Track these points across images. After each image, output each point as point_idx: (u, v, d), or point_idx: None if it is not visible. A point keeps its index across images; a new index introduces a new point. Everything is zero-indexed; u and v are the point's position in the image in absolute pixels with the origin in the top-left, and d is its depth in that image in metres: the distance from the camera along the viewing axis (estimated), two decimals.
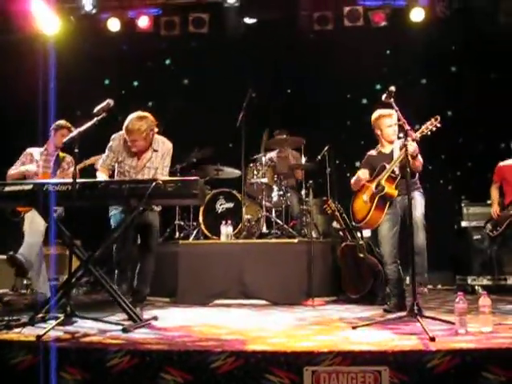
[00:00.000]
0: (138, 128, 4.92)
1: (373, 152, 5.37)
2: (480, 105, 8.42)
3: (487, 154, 8.14)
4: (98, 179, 4.81)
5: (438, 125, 4.28)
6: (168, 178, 4.94)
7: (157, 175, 4.95)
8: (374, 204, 5.03)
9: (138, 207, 4.09)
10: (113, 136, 5.18)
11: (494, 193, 7.00)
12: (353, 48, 8.59)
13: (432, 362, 2.98)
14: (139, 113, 5.02)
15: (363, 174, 5.25)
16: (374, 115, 5.24)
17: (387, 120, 5.13)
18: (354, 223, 5.51)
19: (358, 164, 5.63)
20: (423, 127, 4.47)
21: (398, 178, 4.93)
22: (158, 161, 5.10)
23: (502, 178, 6.93)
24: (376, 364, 2.98)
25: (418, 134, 4.49)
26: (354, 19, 8.65)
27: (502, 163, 6.96)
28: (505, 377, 2.93)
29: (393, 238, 5.07)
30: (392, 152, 5.13)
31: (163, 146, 5.18)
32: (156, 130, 5.10)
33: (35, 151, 6.12)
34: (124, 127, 4.98)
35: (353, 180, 5.35)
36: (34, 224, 5.59)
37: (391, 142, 5.21)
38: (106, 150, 5.15)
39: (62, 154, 6.04)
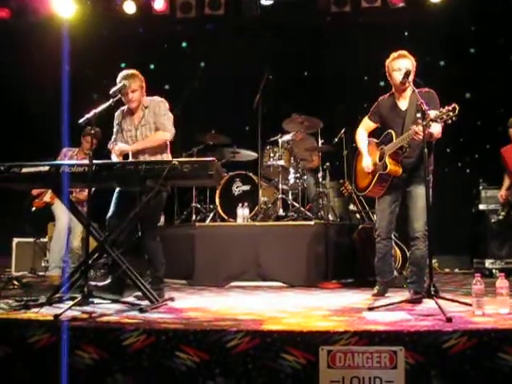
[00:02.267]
0: (133, 75, 4.86)
1: (386, 99, 4.91)
2: (499, 87, 8.30)
3: (506, 136, 8.03)
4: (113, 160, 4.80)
5: (454, 118, 4.01)
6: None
7: (159, 124, 4.90)
8: (375, 179, 4.83)
9: (155, 188, 4.09)
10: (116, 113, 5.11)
11: (505, 178, 7.24)
12: (370, 30, 8.51)
13: (448, 342, 2.96)
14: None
15: (366, 159, 4.94)
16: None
17: (395, 63, 4.69)
18: (356, 189, 5.36)
19: None
20: (436, 115, 3.99)
21: (405, 154, 4.66)
22: (151, 115, 4.94)
23: (505, 162, 7.09)
24: (392, 344, 2.96)
25: (431, 115, 4.03)
26: (372, 0, 8.54)
27: (503, 148, 7.12)
28: None
29: (391, 213, 4.87)
30: (406, 112, 4.71)
31: (153, 101, 5.00)
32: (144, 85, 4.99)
33: (70, 151, 6.37)
34: (120, 83, 4.79)
35: (358, 138, 5.08)
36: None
37: (402, 91, 4.76)
38: (114, 128, 5.10)
39: None
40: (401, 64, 4.67)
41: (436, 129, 4.36)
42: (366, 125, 5.08)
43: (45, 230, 7.86)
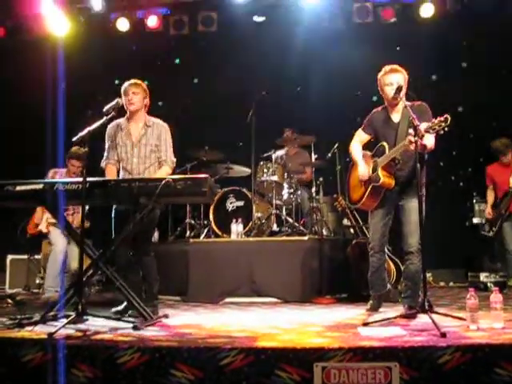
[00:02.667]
0: (136, 82, 4.97)
1: (379, 112, 4.94)
2: (491, 101, 8.37)
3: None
4: (107, 177, 4.80)
5: (446, 128, 4.04)
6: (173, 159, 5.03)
7: (161, 153, 4.94)
8: (368, 191, 4.83)
9: (148, 205, 4.09)
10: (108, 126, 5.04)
11: (489, 196, 7.41)
12: (362, 45, 8.57)
13: (443, 357, 2.96)
14: None
15: (362, 169, 4.91)
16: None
17: (386, 77, 4.72)
18: (349, 201, 5.35)
19: None
20: (428, 126, 4.03)
21: (398, 166, 4.67)
22: (154, 138, 4.95)
23: (492, 181, 7.32)
24: (386, 360, 2.96)
25: (423, 128, 4.06)
26: (364, 16, 8.62)
27: (489, 167, 7.39)
28: None
29: (384, 226, 4.88)
30: (399, 124, 4.74)
31: (158, 125, 5.04)
32: (148, 100, 5.06)
33: (57, 174, 6.37)
34: (123, 88, 4.95)
35: (352, 150, 5.07)
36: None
37: (394, 105, 4.79)
38: (106, 144, 5.04)
39: None
40: (392, 79, 4.71)
41: (429, 141, 4.37)
42: (360, 137, 5.10)
43: (39, 247, 7.82)
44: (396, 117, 4.83)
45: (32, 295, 7.29)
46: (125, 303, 4.72)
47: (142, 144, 4.95)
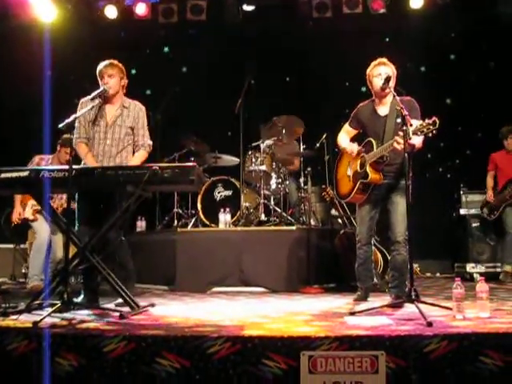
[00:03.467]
0: (112, 63, 4.87)
1: (366, 106, 4.94)
2: (479, 93, 8.40)
3: (486, 141, 8.13)
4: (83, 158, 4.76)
5: (434, 131, 4.05)
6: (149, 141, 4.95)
7: (138, 137, 4.88)
8: (356, 187, 4.83)
9: (135, 193, 4.07)
10: (80, 100, 4.89)
11: (489, 180, 7.48)
12: (351, 35, 8.57)
13: (429, 346, 2.97)
14: None
15: (350, 145, 4.91)
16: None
17: (375, 69, 4.73)
18: (337, 195, 5.37)
19: None
20: (415, 128, 4.01)
21: (385, 163, 4.67)
22: (130, 120, 4.85)
23: (495, 167, 7.43)
24: (373, 349, 2.96)
25: (410, 131, 4.04)
26: (353, 6, 8.63)
27: (494, 153, 7.48)
28: (502, 361, 2.92)
29: (371, 219, 4.91)
30: (386, 118, 4.73)
31: (135, 105, 4.93)
32: (126, 80, 4.97)
33: (43, 161, 6.26)
34: (98, 69, 4.84)
35: (339, 140, 5.08)
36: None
37: (382, 97, 4.77)
38: (76, 121, 4.56)
39: None
40: (381, 70, 4.71)
41: (417, 140, 4.38)
42: (347, 130, 5.11)
43: (25, 236, 7.76)
44: (383, 110, 4.82)
45: (18, 285, 7.24)
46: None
47: (116, 125, 4.84)
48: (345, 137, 5.09)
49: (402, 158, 4.31)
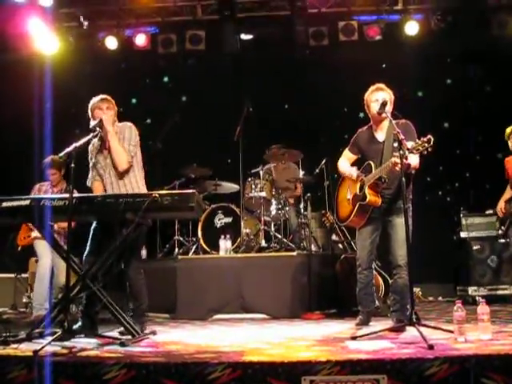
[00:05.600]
0: (106, 98, 4.90)
1: (364, 132, 5.03)
2: (476, 116, 8.47)
3: (484, 164, 8.16)
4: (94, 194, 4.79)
5: (430, 149, 4.11)
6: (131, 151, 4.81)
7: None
8: (356, 209, 4.87)
9: (135, 221, 4.08)
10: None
11: (507, 190, 6.37)
12: (349, 62, 8.67)
13: (430, 369, 2.96)
14: None
15: (349, 170, 4.99)
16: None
17: (372, 95, 4.82)
18: (337, 219, 5.36)
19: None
20: (412, 147, 4.08)
21: (384, 185, 4.72)
22: (121, 143, 4.83)
23: (507, 172, 6.38)
24: (374, 372, 2.96)
25: (406, 151, 4.11)
26: (349, 34, 8.73)
27: (506, 158, 6.44)
28: (504, 382, 2.91)
29: (372, 243, 4.91)
30: (384, 143, 4.80)
31: (122, 126, 4.91)
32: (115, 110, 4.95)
33: (43, 187, 6.33)
34: (91, 104, 4.89)
35: (340, 165, 5.16)
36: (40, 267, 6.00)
37: (379, 122, 4.87)
38: (90, 164, 4.95)
39: None
40: (378, 95, 4.79)
41: (413, 160, 4.44)
42: (347, 156, 5.18)
43: (26, 266, 7.77)
44: (381, 136, 4.90)
45: (19, 314, 7.22)
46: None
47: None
48: (345, 162, 5.16)
49: (400, 180, 4.32)
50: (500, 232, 6.56)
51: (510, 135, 6.30)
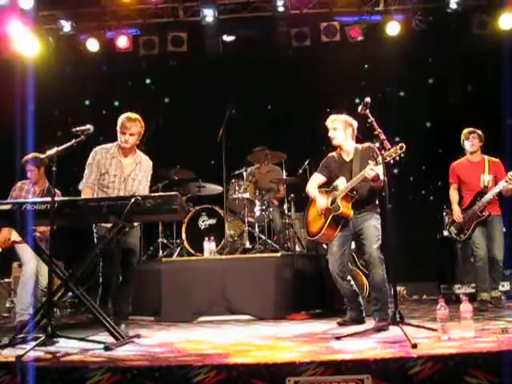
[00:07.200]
0: (136, 118, 5.01)
1: (334, 155, 5.22)
2: (458, 115, 8.52)
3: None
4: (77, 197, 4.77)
5: (402, 155, 4.22)
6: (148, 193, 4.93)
7: (139, 191, 4.96)
8: (328, 222, 4.98)
9: (118, 224, 4.07)
10: (94, 149, 5.12)
11: (454, 194, 6.54)
12: (331, 63, 8.70)
13: (414, 368, 2.98)
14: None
15: (319, 197, 5.11)
16: None
17: (327, 124, 5.13)
18: (308, 235, 5.43)
19: None
20: (386, 153, 4.24)
21: (356, 197, 4.89)
22: (141, 175, 5.09)
23: (457, 179, 6.53)
24: (358, 373, 2.97)
25: (379, 160, 4.38)
26: (331, 35, 8.76)
27: (454, 163, 6.64)
28: (487, 380, 2.93)
29: (342, 256, 5.03)
30: (352, 162, 5.01)
31: (146, 162, 5.20)
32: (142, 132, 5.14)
33: (25, 185, 6.26)
34: (120, 121, 4.99)
35: (308, 189, 5.28)
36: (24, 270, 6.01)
37: (340, 147, 5.11)
38: (88, 167, 5.07)
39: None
40: (329, 124, 5.10)
41: (379, 169, 4.53)
42: (316, 179, 5.29)
43: (7, 270, 7.68)
44: (347, 156, 5.10)
45: (2, 319, 7.15)
46: None
47: (130, 178, 5.06)
48: (313, 187, 5.26)
49: (368, 190, 4.72)
50: (462, 237, 6.39)
51: (467, 134, 6.45)
